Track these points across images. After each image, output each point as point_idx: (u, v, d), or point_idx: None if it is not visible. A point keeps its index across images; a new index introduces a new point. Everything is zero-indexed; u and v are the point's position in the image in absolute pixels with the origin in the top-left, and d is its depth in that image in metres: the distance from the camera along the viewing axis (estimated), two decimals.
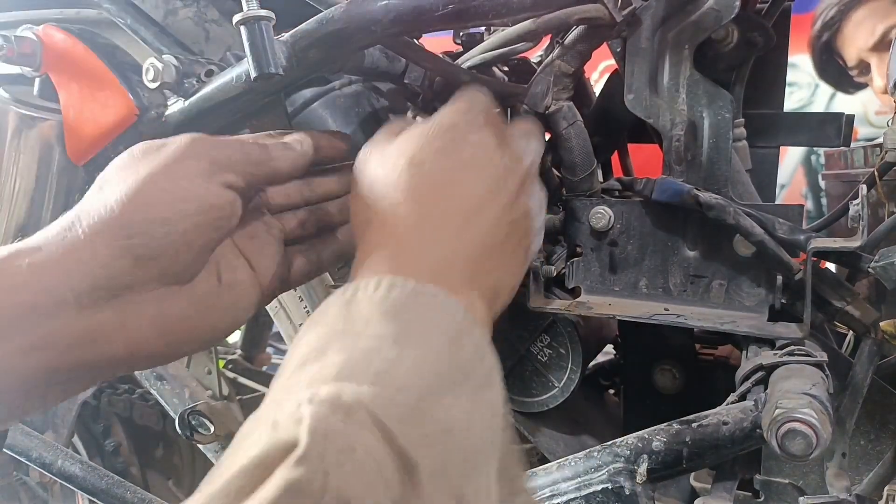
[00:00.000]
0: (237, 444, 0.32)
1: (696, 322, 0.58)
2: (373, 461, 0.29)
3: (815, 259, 0.55)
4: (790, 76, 0.78)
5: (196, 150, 0.47)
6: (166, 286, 0.46)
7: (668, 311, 0.60)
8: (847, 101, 1.94)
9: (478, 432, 0.36)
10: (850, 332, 0.67)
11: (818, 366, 0.52)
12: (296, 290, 0.91)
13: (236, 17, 0.50)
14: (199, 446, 0.72)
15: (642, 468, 0.52)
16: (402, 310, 0.38)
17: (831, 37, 1.63)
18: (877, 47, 1.54)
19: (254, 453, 0.29)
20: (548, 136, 0.67)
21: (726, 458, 0.55)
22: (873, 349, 0.56)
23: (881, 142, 0.59)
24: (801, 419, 0.45)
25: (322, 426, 0.29)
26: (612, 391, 0.89)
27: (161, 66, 0.62)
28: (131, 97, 0.67)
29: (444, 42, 0.74)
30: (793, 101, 2.53)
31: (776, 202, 0.72)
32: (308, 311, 0.90)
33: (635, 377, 0.69)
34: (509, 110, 0.66)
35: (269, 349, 1.72)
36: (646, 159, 0.80)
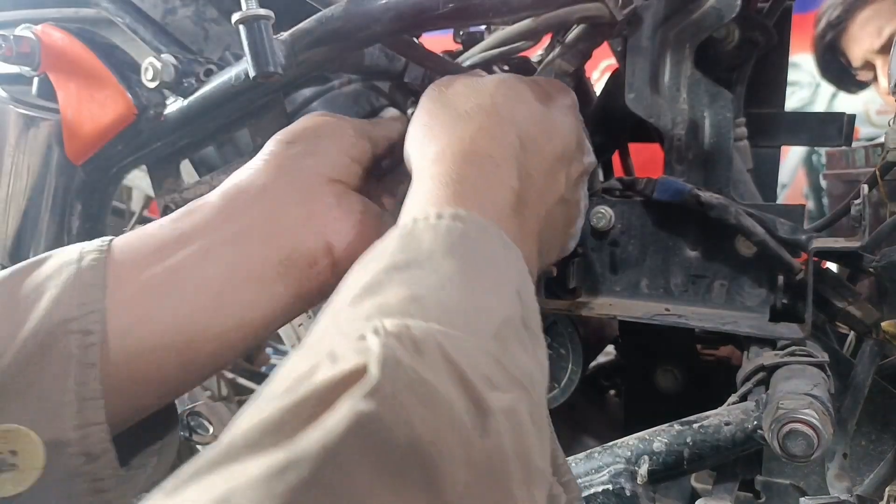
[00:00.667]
0: (281, 379, 0.27)
1: (697, 322, 0.58)
2: (446, 401, 0.27)
3: (816, 259, 0.55)
4: (791, 75, 0.78)
5: (317, 112, 0.54)
6: (334, 182, 0.50)
7: (669, 311, 0.59)
8: (848, 100, 1.94)
9: (539, 389, 0.34)
10: (852, 332, 0.67)
11: (819, 366, 0.52)
12: None
13: (235, 16, 0.49)
14: (198, 447, 0.72)
15: (643, 469, 0.52)
16: (470, 246, 0.35)
17: (835, 36, 1.63)
18: (883, 49, 1.54)
19: (311, 385, 0.25)
20: None
21: (727, 459, 0.55)
22: (875, 349, 0.56)
23: (882, 141, 0.59)
24: (802, 420, 0.45)
25: (393, 358, 0.26)
26: (612, 392, 0.89)
27: (160, 65, 0.62)
28: (130, 96, 0.66)
29: (444, 41, 0.74)
30: (794, 101, 2.53)
31: (777, 202, 0.72)
32: (308, 312, 0.90)
33: (636, 378, 0.69)
34: None
35: (269, 349, 1.72)
36: (646, 159, 0.80)
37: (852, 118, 0.75)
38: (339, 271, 0.47)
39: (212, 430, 0.67)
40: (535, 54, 0.74)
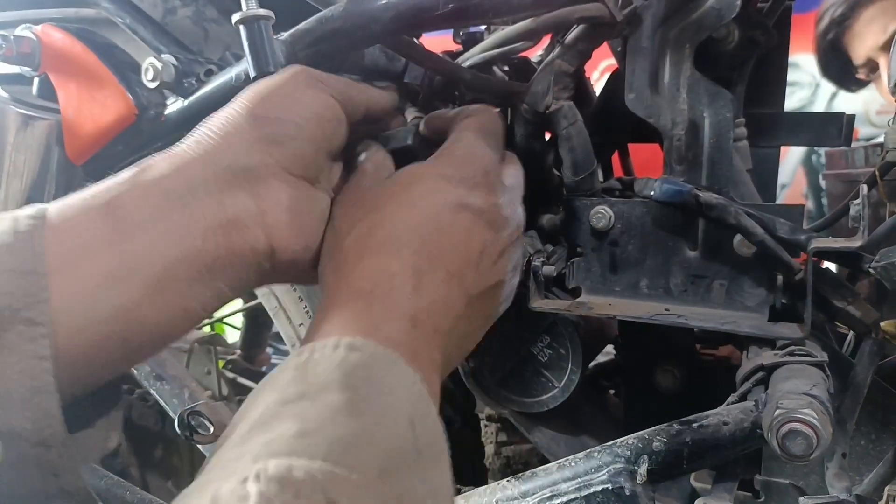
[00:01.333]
0: None
1: (696, 322, 0.58)
2: None
3: (815, 259, 0.55)
4: (791, 76, 0.78)
5: (304, 72, 0.50)
6: (296, 178, 0.48)
7: (668, 311, 0.59)
8: (848, 100, 1.94)
9: None
10: (851, 332, 0.67)
11: (819, 366, 0.52)
12: (296, 290, 0.90)
13: (235, 17, 0.49)
14: (199, 447, 0.72)
15: (642, 469, 0.52)
16: (363, 376, 0.36)
17: (838, 34, 1.62)
18: (886, 45, 1.54)
19: None
20: (548, 136, 0.67)
21: (727, 459, 0.55)
22: (874, 349, 0.56)
23: (882, 141, 0.59)
24: (801, 419, 0.45)
25: None
26: (612, 391, 0.89)
27: (160, 65, 0.62)
28: (130, 96, 0.67)
29: (444, 41, 0.74)
30: (794, 101, 2.53)
31: (777, 202, 0.72)
32: (308, 312, 0.90)
33: (636, 377, 0.69)
34: (510, 110, 0.66)
35: (269, 349, 1.72)
36: (646, 159, 0.80)
37: (852, 118, 0.75)
38: (280, 272, 0.48)
39: (212, 429, 0.67)
40: (535, 54, 0.74)
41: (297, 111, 0.48)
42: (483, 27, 0.73)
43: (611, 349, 0.83)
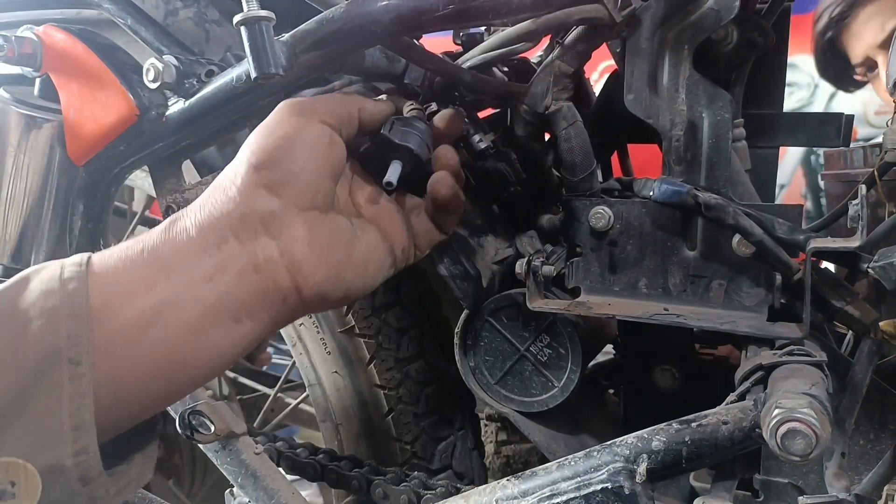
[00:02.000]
0: None
1: (695, 322, 0.59)
2: None
3: (814, 259, 0.55)
4: (790, 76, 0.78)
5: (289, 107, 0.53)
6: (308, 211, 0.51)
7: (667, 311, 0.60)
8: (846, 101, 1.94)
9: None
10: (850, 331, 0.67)
11: (817, 365, 0.52)
12: None
13: (237, 18, 0.50)
14: (200, 446, 0.72)
15: (642, 468, 0.52)
16: None
17: (836, 33, 1.63)
18: (884, 44, 1.54)
19: None
20: (547, 137, 0.67)
21: (726, 458, 0.55)
22: (873, 349, 0.56)
23: (880, 142, 0.59)
24: (800, 419, 0.45)
25: None
26: (611, 391, 0.89)
27: (161, 66, 0.63)
28: (132, 97, 0.67)
29: (444, 42, 0.74)
30: (792, 102, 2.53)
31: (776, 202, 0.72)
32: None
33: (635, 377, 0.69)
34: (509, 111, 0.66)
35: (270, 349, 1.72)
36: (646, 159, 0.80)
37: (850, 119, 0.75)
38: (308, 305, 0.51)
39: (213, 428, 0.67)
40: (535, 56, 0.74)
41: (292, 151, 0.50)
42: (483, 28, 0.73)
43: (610, 349, 0.83)
